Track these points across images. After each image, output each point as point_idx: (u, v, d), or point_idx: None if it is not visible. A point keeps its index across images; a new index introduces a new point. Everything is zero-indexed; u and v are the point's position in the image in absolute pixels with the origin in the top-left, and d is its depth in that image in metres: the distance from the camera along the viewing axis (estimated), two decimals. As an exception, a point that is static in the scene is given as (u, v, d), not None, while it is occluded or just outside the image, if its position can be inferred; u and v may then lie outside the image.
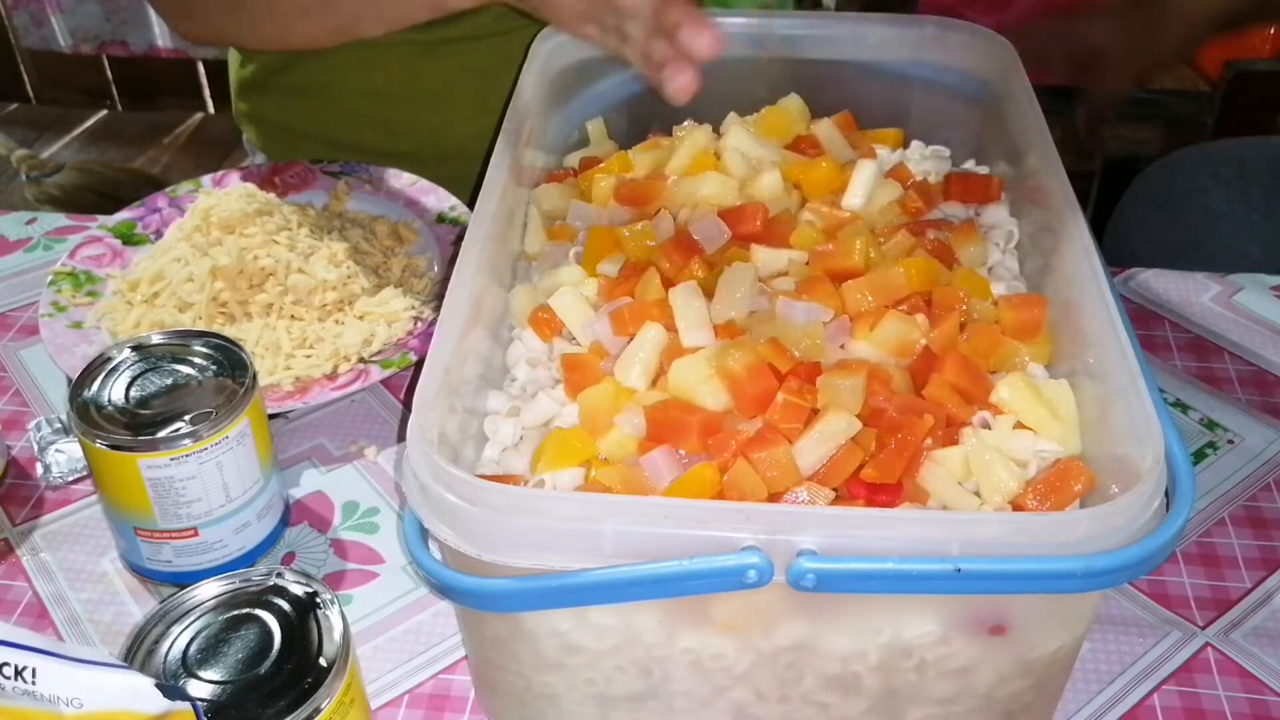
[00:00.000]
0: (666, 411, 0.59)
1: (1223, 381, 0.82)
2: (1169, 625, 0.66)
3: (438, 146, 0.96)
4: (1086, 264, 0.61)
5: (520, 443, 0.62)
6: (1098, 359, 0.57)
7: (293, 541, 0.71)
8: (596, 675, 0.55)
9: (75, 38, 2.76)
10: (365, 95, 0.95)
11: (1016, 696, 0.55)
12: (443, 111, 0.96)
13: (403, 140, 0.97)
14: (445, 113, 0.96)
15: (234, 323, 0.80)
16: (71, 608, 0.67)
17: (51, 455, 0.73)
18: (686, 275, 0.67)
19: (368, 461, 0.77)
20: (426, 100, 0.95)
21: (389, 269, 0.87)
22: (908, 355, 0.62)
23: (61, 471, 0.73)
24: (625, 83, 0.86)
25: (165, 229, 0.90)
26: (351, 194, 0.93)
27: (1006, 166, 0.79)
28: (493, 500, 0.49)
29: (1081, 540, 0.47)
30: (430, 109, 0.96)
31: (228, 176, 0.94)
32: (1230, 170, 1.23)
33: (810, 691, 0.54)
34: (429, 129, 0.96)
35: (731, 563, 0.47)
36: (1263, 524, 0.71)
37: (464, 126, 0.96)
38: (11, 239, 0.98)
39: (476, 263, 0.62)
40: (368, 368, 0.78)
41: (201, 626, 0.52)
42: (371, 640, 0.65)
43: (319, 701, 0.49)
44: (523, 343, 0.68)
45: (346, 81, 0.74)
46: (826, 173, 0.75)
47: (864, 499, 0.56)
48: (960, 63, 0.83)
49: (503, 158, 0.69)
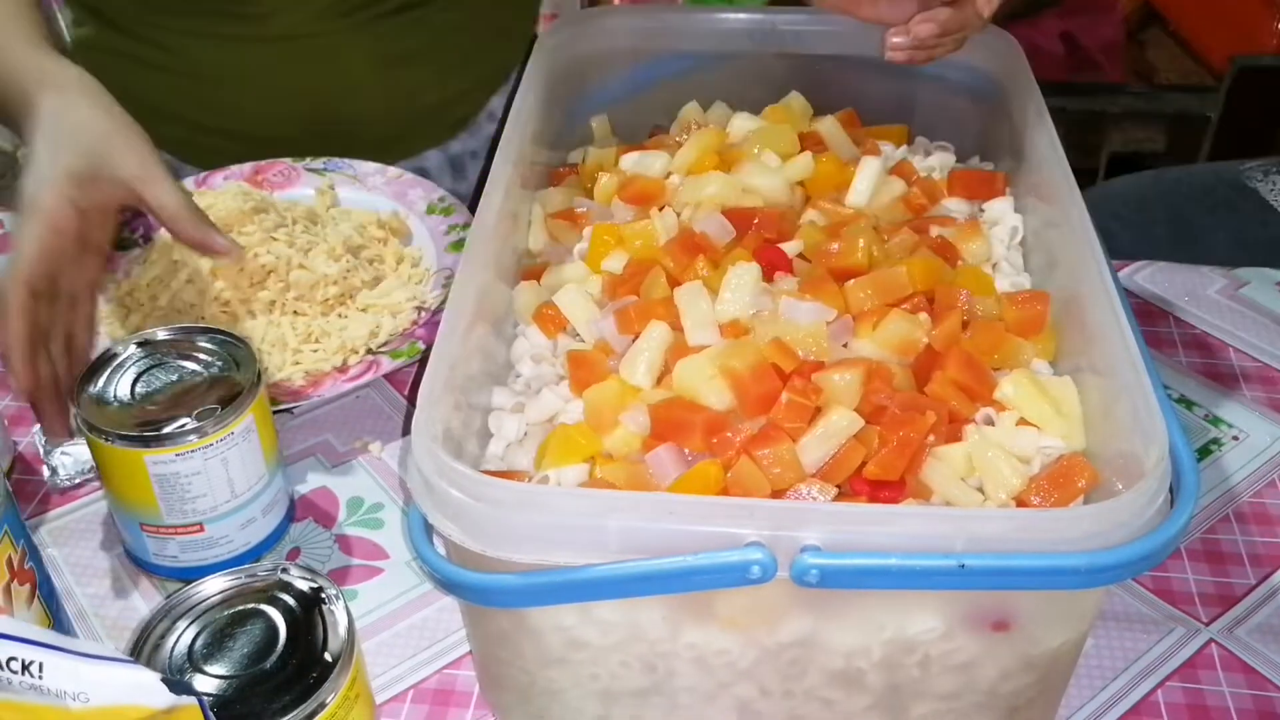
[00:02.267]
0: (671, 410, 0.59)
1: (1227, 377, 0.82)
2: (1173, 621, 0.66)
3: (244, 124, 0.97)
4: (1090, 260, 0.61)
5: (524, 439, 0.63)
6: (1102, 355, 0.57)
7: (298, 537, 0.71)
8: (601, 670, 0.55)
9: (80, 34, 2.76)
10: (186, 75, 0.96)
11: (1020, 692, 0.55)
12: (249, 97, 0.97)
13: (213, 115, 0.98)
14: (251, 99, 0.97)
15: (238, 321, 0.80)
16: (78, 603, 0.68)
17: (58, 458, 0.73)
18: (691, 274, 0.67)
19: (372, 457, 0.77)
20: (233, 85, 0.96)
21: (385, 261, 0.87)
22: (911, 353, 0.62)
23: (69, 474, 0.73)
24: (628, 80, 0.86)
25: (154, 232, 0.89)
26: (337, 190, 0.94)
27: (1011, 162, 0.79)
28: (497, 496, 0.49)
29: (1085, 536, 0.47)
30: (237, 92, 0.96)
31: (211, 177, 0.94)
32: (1129, 210, 1.22)
33: (814, 687, 0.54)
34: (236, 110, 0.97)
35: (735, 558, 0.48)
36: (1267, 520, 0.71)
37: (271, 109, 0.97)
38: (17, 235, 0.98)
39: (481, 259, 0.62)
40: (378, 359, 0.78)
41: (207, 622, 0.52)
42: (376, 635, 0.66)
43: (324, 696, 0.49)
44: (527, 339, 0.68)
45: (168, 59, 0.75)
46: (830, 170, 0.75)
47: (867, 495, 0.57)
48: (964, 59, 0.82)
49: (507, 154, 0.69)
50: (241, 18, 0.92)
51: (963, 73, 0.82)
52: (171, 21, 0.90)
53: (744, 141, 0.78)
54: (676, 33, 0.85)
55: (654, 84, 0.86)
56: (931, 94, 0.85)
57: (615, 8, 0.84)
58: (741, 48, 0.84)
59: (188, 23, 0.92)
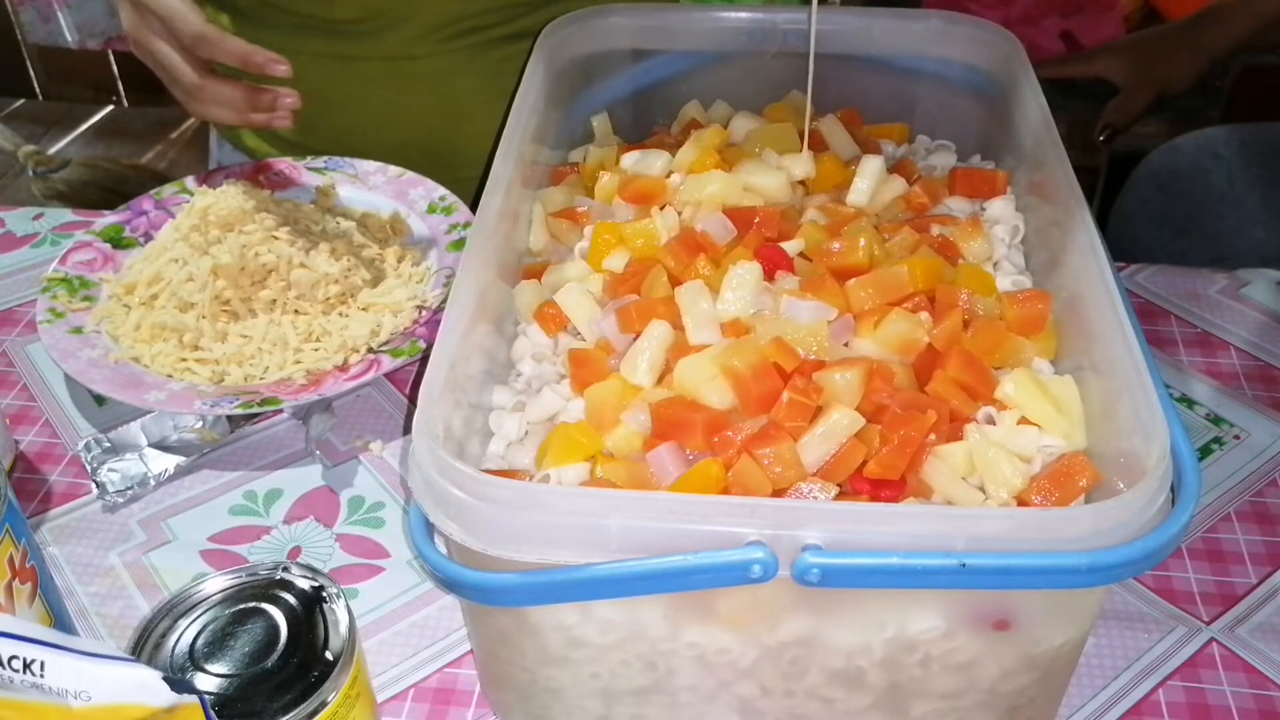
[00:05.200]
0: (672, 409, 0.59)
1: (1229, 376, 0.82)
2: (1174, 621, 0.66)
3: (351, 149, 0.99)
4: (1092, 259, 0.61)
5: (525, 438, 0.63)
6: (1103, 354, 0.57)
7: (299, 536, 0.71)
8: (601, 669, 0.55)
9: (81, 33, 2.76)
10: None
11: (1021, 691, 0.55)
12: (356, 118, 1.00)
13: (320, 139, 1.00)
14: (359, 120, 1.00)
15: (238, 320, 0.80)
16: (79, 601, 0.68)
17: (105, 474, 0.73)
18: (692, 273, 0.67)
19: (373, 456, 0.77)
20: (342, 105, 0.98)
21: (386, 260, 0.87)
22: (912, 353, 0.62)
23: (118, 488, 0.73)
24: (630, 78, 0.86)
25: (154, 231, 0.89)
26: (338, 189, 0.94)
27: (1012, 161, 0.79)
28: (498, 495, 0.49)
29: (1086, 535, 0.47)
30: (345, 113, 0.99)
31: (212, 176, 0.94)
32: (1231, 152, 1.23)
33: (815, 686, 0.54)
34: (344, 132, 1.00)
35: (736, 558, 0.48)
36: (1269, 519, 0.71)
37: (376, 135, 0.99)
38: (19, 234, 0.98)
39: (482, 258, 0.62)
40: (378, 357, 0.78)
41: (208, 620, 0.52)
42: (377, 634, 0.66)
43: (325, 695, 0.49)
44: (528, 338, 0.68)
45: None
46: (831, 168, 0.75)
47: (868, 494, 0.57)
48: (966, 57, 0.83)
49: (508, 153, 0.69)
50: (350, 36, 0.93)
51: (964, 71, 0.82)
52: (279, 39, 0.91)
53: (745, 140, 0.78)
54: (677, 32, 0.85)
55: (655, 83, 0.86)
56: (933, 92, 0.85)
57: (616, 7, 0.84)
58: (742, 47, 0.84)
59: (296, 41, 0.92)
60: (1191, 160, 1.26)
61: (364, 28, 0.93)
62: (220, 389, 0.76)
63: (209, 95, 0.78)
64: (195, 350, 0.78)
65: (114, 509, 0.73)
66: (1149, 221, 1.28)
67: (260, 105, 0.78)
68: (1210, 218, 1.23)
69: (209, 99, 0.78)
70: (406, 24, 0.93)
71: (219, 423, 0.78)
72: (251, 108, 0.78)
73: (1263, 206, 1.21)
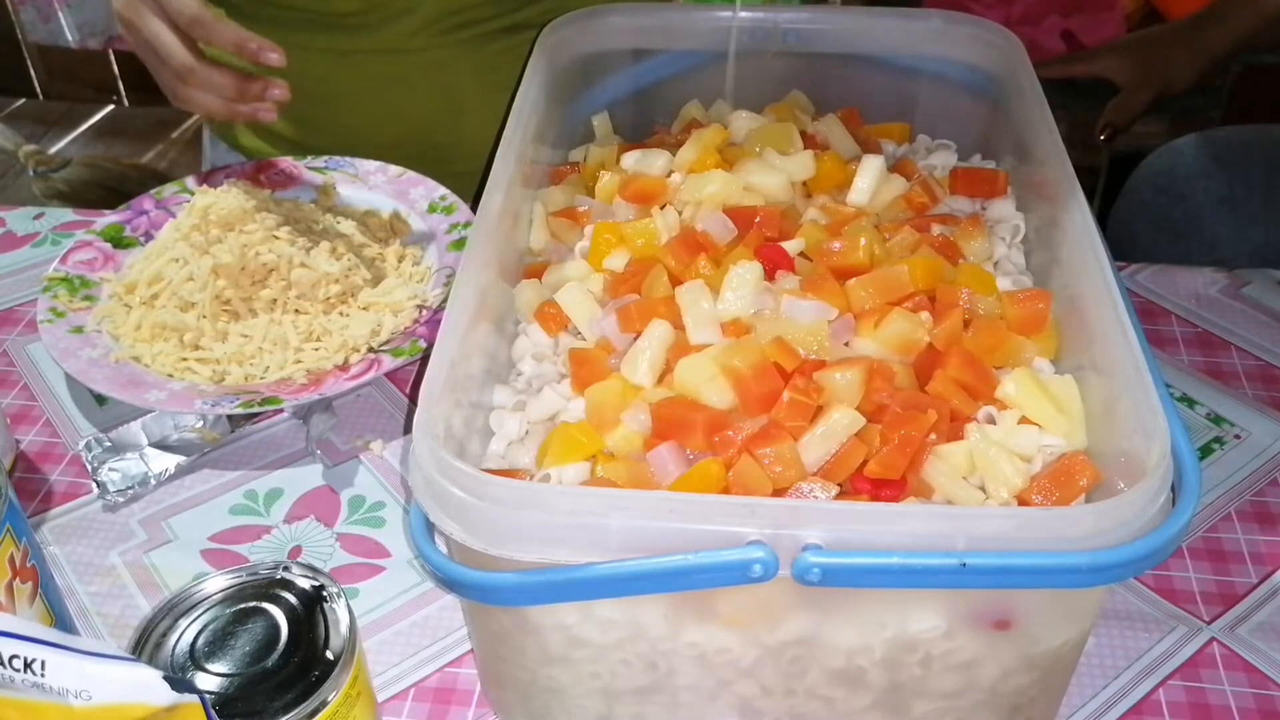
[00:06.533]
0: (672, 408, 0.59)
1: (1229, 376, 0.82)
2: (1174, 620, 0.66)
3: (349, 146, 0.98)
4: (1093, 258, 0.61)
5: (526, 437, 0.63)
6: (1103, 354, 0.57)
7: (299, 535, 0.71)
8: (602, 669, 0.55)
9: (82, 32, 2.76)
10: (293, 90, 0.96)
11: (1021, 691, 0.55)
12: (355, 114, 0.99)
13: (318, 136, 1.00)
14: (357, 116, 0.99)
15: (239, 319, 0.80)
16: (80, 601, 0.68)
17: (105, 474, 0.73)
18: (692, 272, 0.67)
19: (374, 456, 0.77)
20: (340, 101, 0.98)
21: (386, 260, 0.87)
22: (912, 352, 0.62)
23: (119, 488, 0.73)
24: (631, 77, 0.86)
25: (154, 231, 0.89)
26: (339, 188, 0.94)
27: (1013, 161, 0.79)
28: (498, 494, 0.49)
29: (1087, 535, 0.47)
30: (343, 110, 0.99)
31: (213, 176, 0.94)
32: (1232, 155, 1.23)
33: (815, 685, 0.54)
34: (342, 129, 0.99)
35: (737, 557, 0.48)
36: (1269, 519, 0.71)
37: (375, 131, 0.99)
38: (19, 234, 0.98)
39: (482, 258, 0.62)
40: (379, 357, 0.78)
41: (209, 620, 0.52)
42: (378, 634, 0.66)
43: (326, 694, 0.49)
44: (528, 337, 0.68)
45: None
46: (831, 168, 0.75)
47: (868, 494, 0.57)
48: (966, 57, 0.83)
49: (508, 152, 0.69)
50: (347, 29, 0.93)
51: (964, 71, 0.82)
52: (279, 34, 0.91)
53: (745, 140, 0.78)
54: (677, 31, 0.85)
55: (655, 82, 0.86)
56: (933, 92, 0.85)
57: (616, 6, 0.84)
58: (742, 46, 0.84)
59: (294, 35, 0.91)
60: (1190, 163, 1.26)
61: (363, 20, 0.93)
62: (221, 388, 0.76)
63: (199, 79, 0.75)
64: (196, 350, 0.78)
65: (114, 508, 0.73)
66: (1148, 224, 1.28)
67: (249, 94, 0.76)
68: (1210, 221, 1.23)
69: (198, 83, 0.76)
70: (406, 16, 0.93)
71: (219, 422, 0.78)
72: (240, 96, 0.76)
73: (1262, 210, 1.21)
